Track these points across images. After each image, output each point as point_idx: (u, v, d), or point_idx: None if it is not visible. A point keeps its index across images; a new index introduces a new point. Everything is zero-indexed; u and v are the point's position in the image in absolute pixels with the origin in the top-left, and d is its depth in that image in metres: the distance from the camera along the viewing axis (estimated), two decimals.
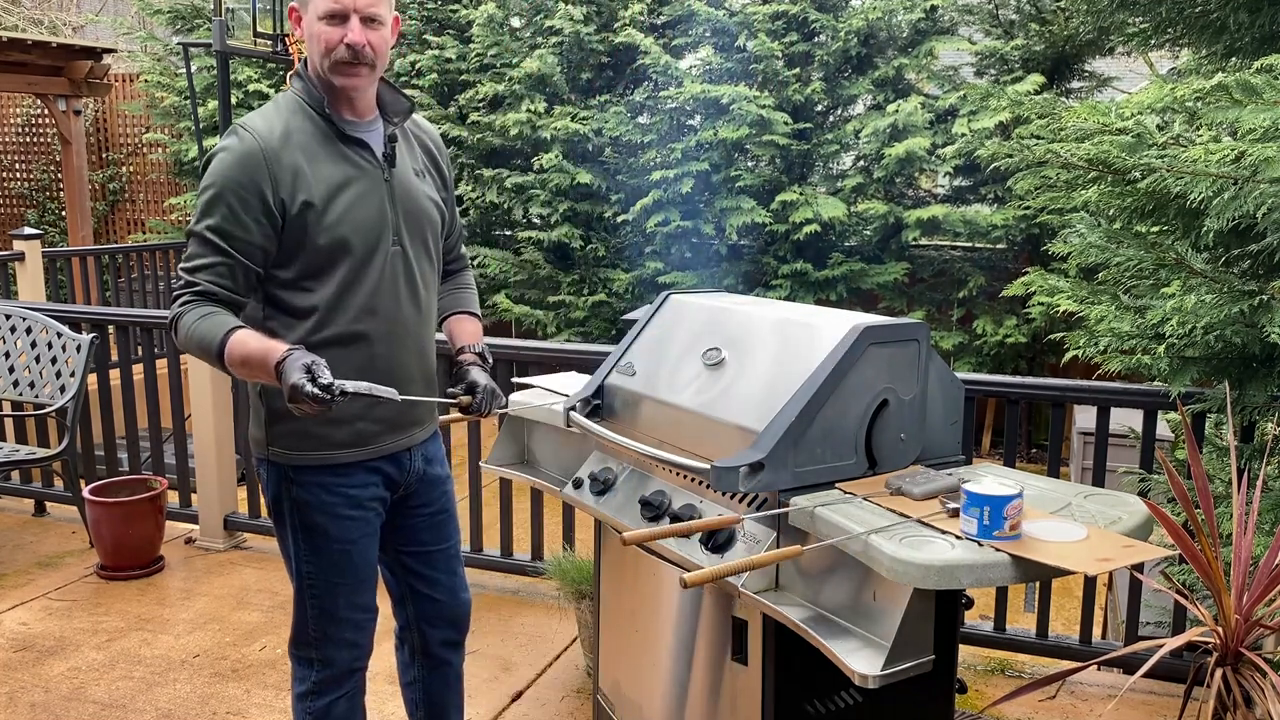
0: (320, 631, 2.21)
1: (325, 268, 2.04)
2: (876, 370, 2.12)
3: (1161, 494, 3.09)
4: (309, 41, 2.02)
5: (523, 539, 4.09)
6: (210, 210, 1.98)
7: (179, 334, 2.00)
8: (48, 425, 4.86)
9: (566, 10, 7.93)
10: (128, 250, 8.77)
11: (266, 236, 2.00)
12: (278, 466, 2.14)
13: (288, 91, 2.09)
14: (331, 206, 2.02)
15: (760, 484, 1.99)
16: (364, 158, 2.09)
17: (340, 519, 2.16)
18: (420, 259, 2.18)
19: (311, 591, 2.19)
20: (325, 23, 1.99)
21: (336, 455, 2.13)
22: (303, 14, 2.05)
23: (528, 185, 8.01)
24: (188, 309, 1.98)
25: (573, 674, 3.42)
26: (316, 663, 2.24)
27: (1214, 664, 2.24)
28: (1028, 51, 7.56)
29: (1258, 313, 2.52)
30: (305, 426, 2.09)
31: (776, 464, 2.00)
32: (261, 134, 1.99)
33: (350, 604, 2.21)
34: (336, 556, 2.17)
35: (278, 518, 2.20)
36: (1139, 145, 2.72)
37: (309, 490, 2.13)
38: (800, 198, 7.41)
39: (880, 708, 2.19)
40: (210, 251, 1.99)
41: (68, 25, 15.10)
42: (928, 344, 2.19)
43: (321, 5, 1.99)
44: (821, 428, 2.05)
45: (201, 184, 2.01)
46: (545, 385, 2.99)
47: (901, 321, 2.17)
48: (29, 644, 3.60)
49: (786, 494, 2.04)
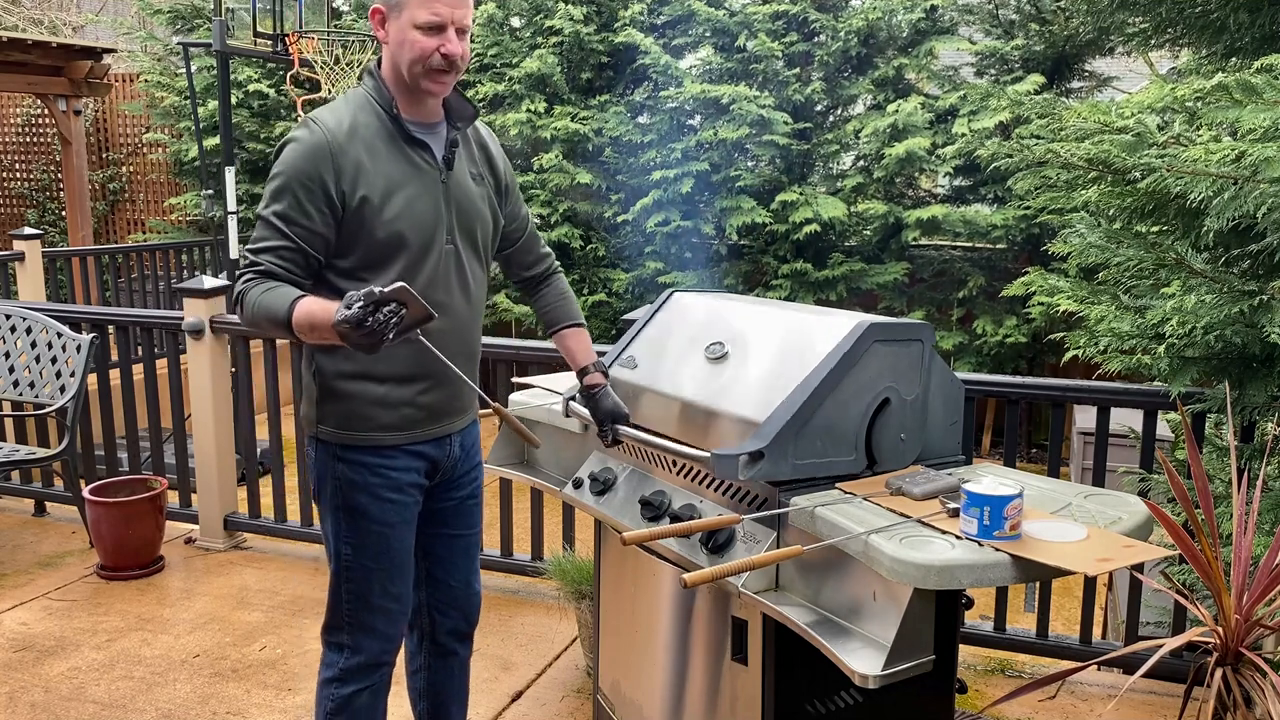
0: (354, 617, 2.26)
1: (383, 260, 2.12)
2: (880, 368, 2.12)
3: (1161, 494, 3.09)
4: (397, 46, 2.08)
5: (523, 539, 4.09)
6: (278, 197, 2.07)
7: (244, 308, 2.06)
8: (48, 425, 4.86)
9: (566, 10, 7.94)
10: (128, 250, 8.76)
11: (328, 225, 2.09)
12: (326, 445, 2.21)
13: (358, 89, 2.17)
14: (389, 203, 2.10)
15: (760, 472, 1.98)
16: (424, 159, 2.17)
17: (381, 501, 2.22)
18: (471, 259, 2.26)
19: (348, 575, 2.25)
20: (421, 32, 2.06)
21: (383, 437, 2.20)
22: (390, 18, 2.09)
23: (528, 185, 8.01)
24: (252, 284, 2.06)
25: (573, 674, 3.42)
26: (346, 649, 2.29)
27: (1214, 664, 2.24)
28: (1028, 51, 7.56)
29: (1258, 313, 2.52)
30: (354, 407, 2.17)
31: (776, 454, 2.00)
32: (329, 127, 2.08)
33: (384, 591, 2.26)
34: (375, 539, 2.23)
35: (321, 497, 2.26)
36: (1139, 145, 2.72)
37: (354, 470, 2.20)
38: (800, 198, 7.41)
39: (880, 708, 2.20)
40: (275, 235, 2.07)
41: (68, 25, 15.10)
42: (931, 345, 2.19)
43: (421, 15, 2.05)
44: (823, 422, 2.05)
45: (271, 171, 2.10)
46: (545, 385, 3.00)
47: (906, 321, 2.18)
48: (29, 644, 3.60)
49: (786, 494, 2.04)
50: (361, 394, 2.17)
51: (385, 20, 2.09)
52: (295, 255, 2.08)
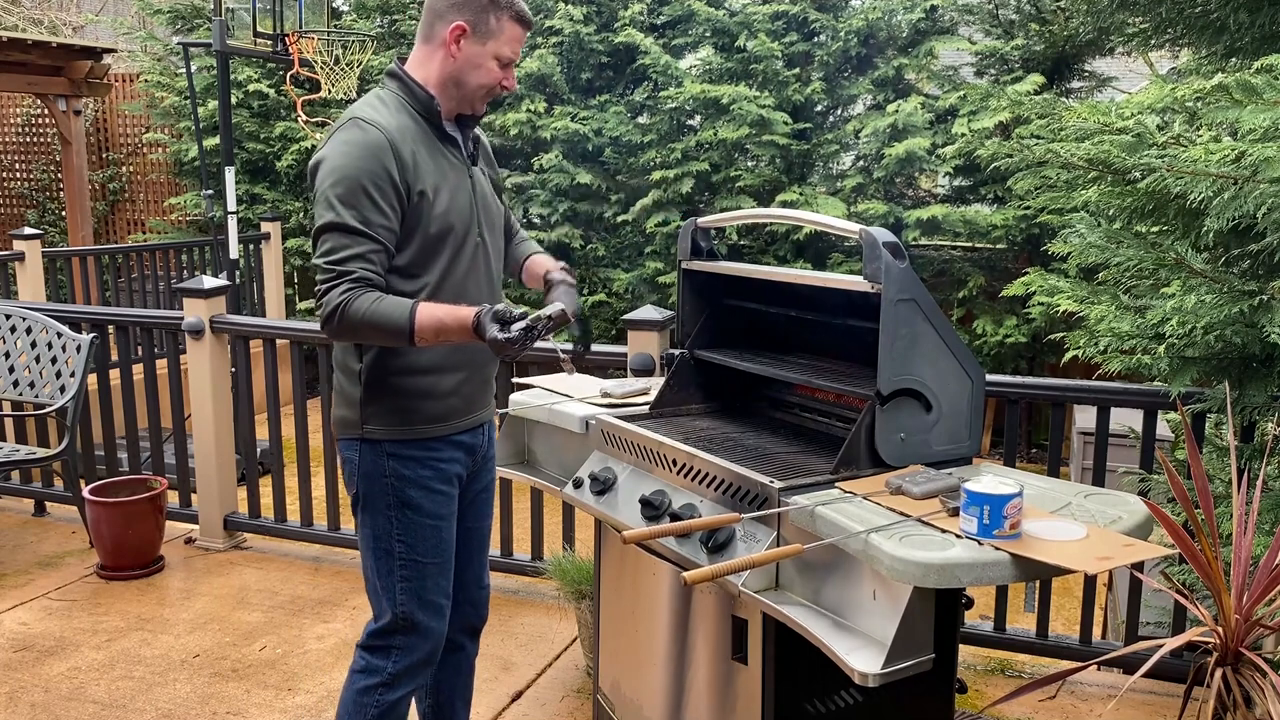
0: (409, 617, 2.26)
1: (433, 255, 2.17)
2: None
3: (1161, 494, 3.09)
4: (469, 67, 2.15)
5: (523, 539, 4.09)
6: (350, 201, 2.05)
7: (348, 319, 2.04)
8: (48, 425, 4.86)
9: (566, 10, 7.94)
10: (128, 250, 8.76)
11: (398, 220, 2.11)
12: (375, 444, 2.21)
13: (384, 92, 2.19)
14: (439, 197, 2.15)
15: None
16: (454, 155, 2.22)
17: (434, 493, 2.24)
18: (493, 250, 2.35)
19: (403, 573, 2.25)
20: (498, 63, 2.16)
21: (432, 429, 2.23)
22: (471, 40, 2.14)
23: (528, 185, 8.01)
24: (354, 295, 2.03)
25: (573, 674, 3.42)
26: (396, 651, 2.27)
27: (1214, 664, 2.24)
28: (1028, 51, 7.56)
29: (1258, 313, 2.51)
30: (403, 403, 2.19)
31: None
32: (382, 125, 2.09)
33: (438, 587, 2.28)
34: (429, 533, 2.25)
35: (368, 501, 2.24)
36: (1139, 145, 2.72)
37: (406, 465, 2.21)
38: (800, 198, 7.41)
39: (880, 707, 2.20)
40: (359, 240, 2.05)
41: (68, 25, 15.10)
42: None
43: (506, 51, 2.16)
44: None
45: (328, 179, 2.06)
46: (545, 385, 3.00)
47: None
48: (29, 644, 3.60)
49: (785, 493, 2.04)
50: (412, 388, 2.19)
51: (464, 38, 2.13)
52: (381, 256, 2.08)
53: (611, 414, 2.63)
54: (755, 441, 2.47)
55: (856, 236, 2.14)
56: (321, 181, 2.07)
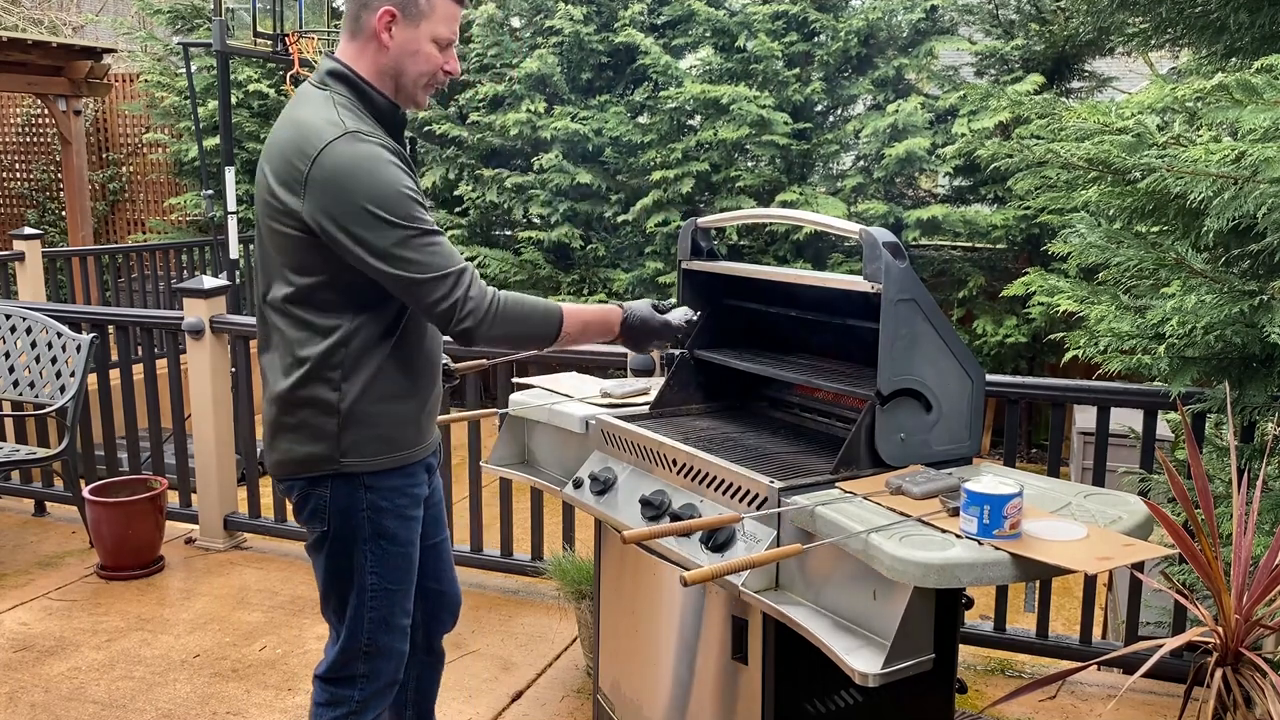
0: (373, 643, 2.17)
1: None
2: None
3: (1161, 494, 3.09)
4: (408, 56, 2.00)
5: (523, 539, 4.09)
6: (418, 207, 1.95)
7: (503, 314, 1.99)
8: (48, 425, 4.86)
9: (566, 10, 7.94)
10: (128, 250, 8.76)
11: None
12: (351, 477, 2.07)
13: (333, 95, 1.99)
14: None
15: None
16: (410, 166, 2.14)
17: (407, 520, 2.16)
18: None
19: (373, 604, 2.14)
20: (437, 46, 2.01)
21: (409, 455, 2.13)
22: (403, 24, 1.98)
23: (528, 185, 8.01)
24: (496, 291, 2.00)
25: (573, 674, 3.42)
26: (361, 680, 2.18)
27: (1214, 664, 2.24)
28: (1028, 51, 7.56)
29: (1258, 313, 2.51)
30: (386, 431, 2.07)
31: None
32: (368, 131, 1.95)
33: (403, 609, 2.20)
34: (400, 560, 2.16)
35: (344, 534, 2.10)
36: (1139, 145, 2.72)
37: (383, 495, 2.10)
38: (800, 198, 7.41)
39: (880, 707, 2.20)
40: (445, 240, 1.98)
41: (68, 25, 15.10)
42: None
43: (441, 30, 2.01)
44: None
45: (379, 194, 1.90)
46: (545, 385, 3.00)
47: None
48: (29, 644, 3.60)
49: (786, 493, 2.04)
50: (395, 414, 2.08)
51: (394, 24, 1.97)
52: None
53: (612, 414, 2.63)
54: (755, 441, 2.47)
55: (856, 236, 2.14)
56: (368, 198, 1.89)
